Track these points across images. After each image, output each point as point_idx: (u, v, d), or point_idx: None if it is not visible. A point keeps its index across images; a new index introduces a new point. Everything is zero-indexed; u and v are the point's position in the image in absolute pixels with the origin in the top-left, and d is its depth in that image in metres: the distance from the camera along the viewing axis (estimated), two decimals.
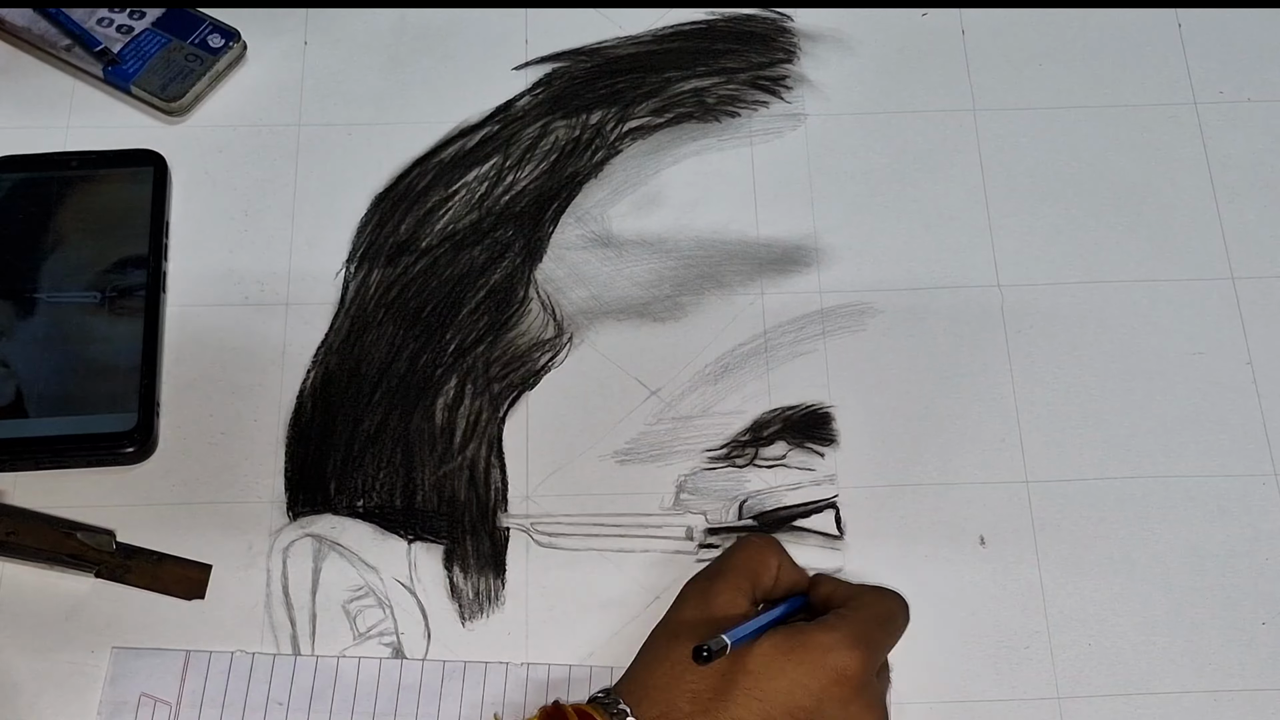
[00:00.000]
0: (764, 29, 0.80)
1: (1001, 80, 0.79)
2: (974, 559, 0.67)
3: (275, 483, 0.68)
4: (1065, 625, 0.65)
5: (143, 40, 0.77)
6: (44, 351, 0.69)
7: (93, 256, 0.71)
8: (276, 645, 0.64)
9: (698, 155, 0.76)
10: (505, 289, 0.72)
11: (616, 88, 0.78)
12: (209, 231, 0.74)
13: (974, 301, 0.73)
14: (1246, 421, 0.70)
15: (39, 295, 0.70)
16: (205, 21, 0.78)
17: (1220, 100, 0.79)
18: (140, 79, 0.76)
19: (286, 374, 0.70)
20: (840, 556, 0.66)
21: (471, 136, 0.76)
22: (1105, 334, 0.72)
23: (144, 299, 0.70)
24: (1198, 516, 0.68)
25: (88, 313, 0.70)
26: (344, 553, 0.66)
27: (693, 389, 0.70)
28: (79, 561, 0.65)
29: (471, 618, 0.65)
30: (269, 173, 0.76)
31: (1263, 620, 0.66)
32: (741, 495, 0.68)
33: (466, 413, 0.69)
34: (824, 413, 0.70)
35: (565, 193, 0.75)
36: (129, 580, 0.65)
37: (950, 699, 0.64)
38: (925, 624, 0.65)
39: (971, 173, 0.76)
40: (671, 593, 0.65)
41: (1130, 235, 0.75)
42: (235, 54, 0.77)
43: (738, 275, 0.73)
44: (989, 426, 0.70)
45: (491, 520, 0.67)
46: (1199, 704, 0.64)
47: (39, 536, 0.65)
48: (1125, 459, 0.69)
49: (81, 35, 0.77)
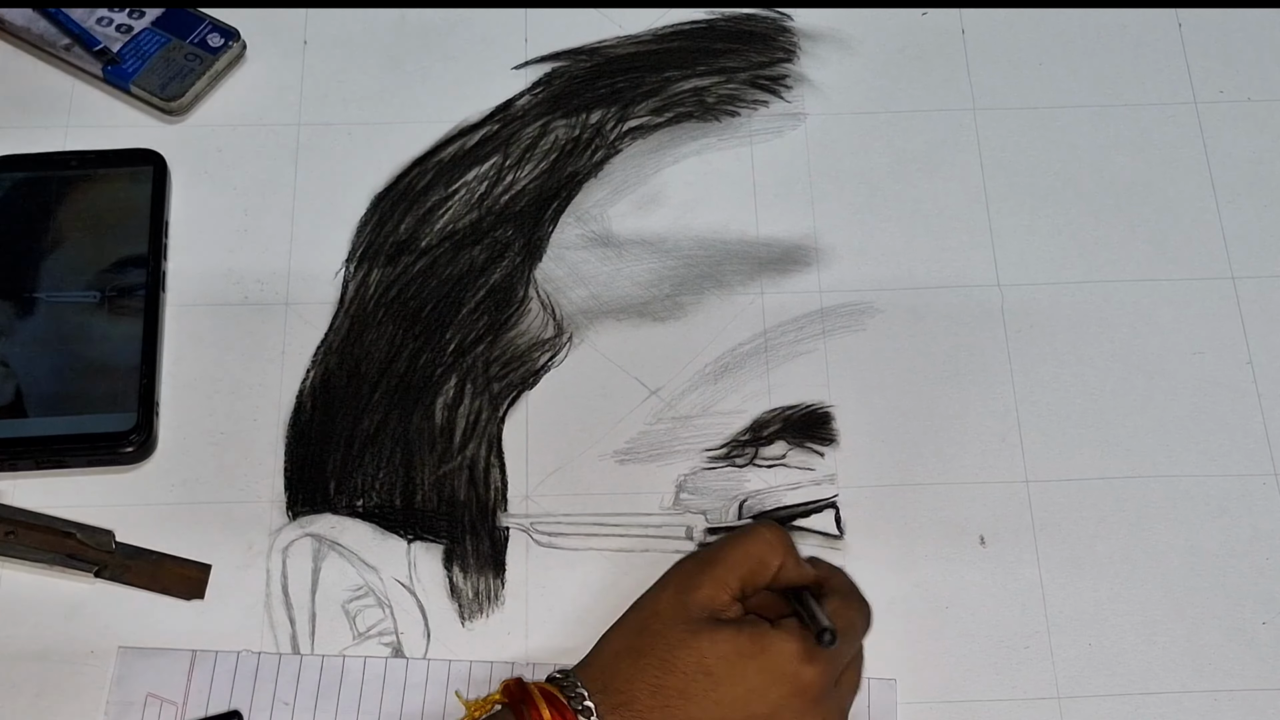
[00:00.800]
0: (764, 29, 0.80)
1: (1001, 80, 0.79)
2: (974, 559, 0.67)
3: (275, 482, 0.68)
4: (1065, 625, 0.65)
5: (142, 40, 0.77)
6: (43, 351, 0.69)
7: (92, 256, 0.71)
8: (276, 645, 0.64)
9: (697, 155, 0.76)
10: (505, 288, 0.72)
11: (616, 87, 0.78)
12: (209, 231, 0.74)
13: (974, 301, 0.73)
14: (1246, 421, 0.70)
15: (39, 295, 0.70)
16: (205, 21, 0.78)
17: (1220, 100, 0.79)
18: (140, 78, 0.76)
19: (286, 373, 0.70)
20: (840, 556, 0.66)
21: (471, 136, 0.76)
22: (1105, 334, 0.72)
23: (143, 298, 0.70)
24: (1198, 516, 0.68)
25: (87, 312, 0.70)
26: (344, 552, 0.66)
27: (692, 389, 0.70)
28: (78, 562, 0.65)
29: (471, 617, 0.65)
30: (269, 173, 0.76)
31: (1263, 620, 0.66)
32: (741, 495, 0.68)
33: (466, 412, 0.69)
34: (824, 412, 0.70)
35: (565, 192, 0.75)
36: (129, 580, 0.65)
37: (950, 699, 0.64)
38: (925, 624, 0.65)
39: (971, 173, 0.76)
40: None
41: (1130, 235, 0.75)
42: (234, 53, 0.77)
43: (738, 275, 0.73)
44: (989, 426, 0.70)
45: (491, 520, 0.67)
46: (1199, 704, 0.64)
47: (38, 536, 0.65)
48: (1125, 459, 0.69)
49: (81, 35, 0.77)
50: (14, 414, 0.67)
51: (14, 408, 0.68)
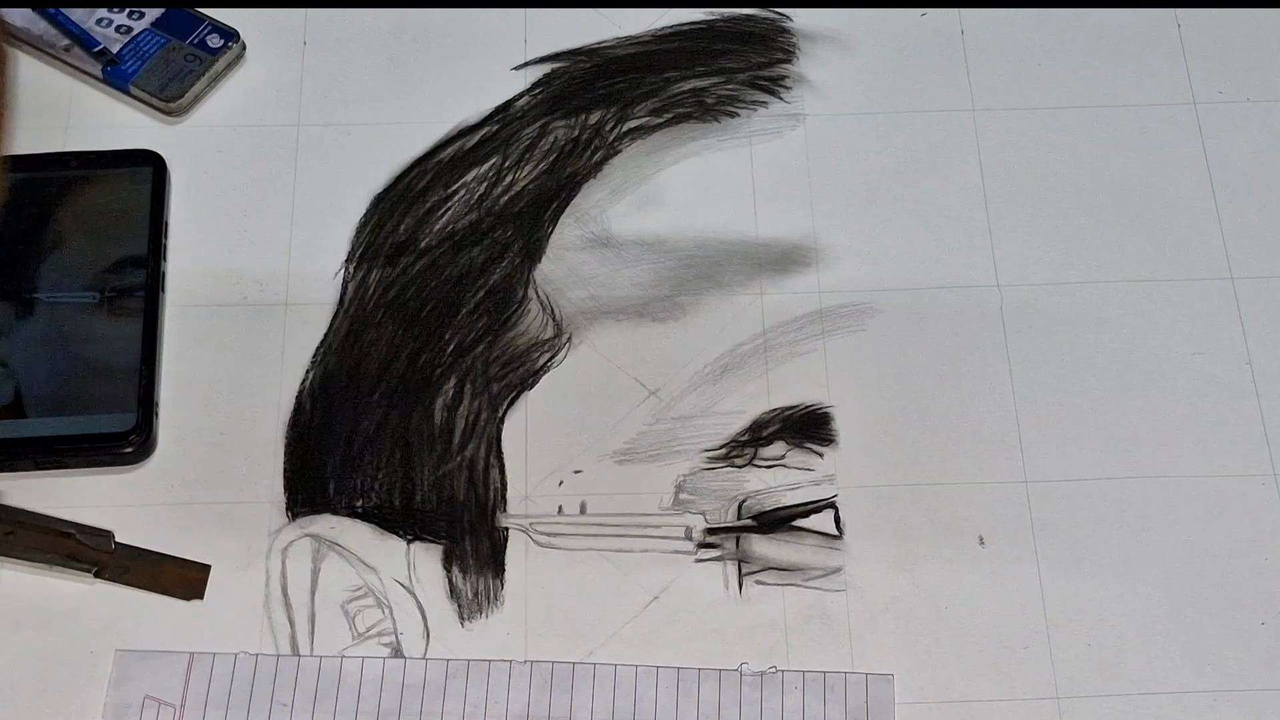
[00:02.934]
0: (763, 29, 0.80)
1: (1001, 80, 0.79)
2: (973, 559, 0.67)
3: (274, 483, 0.68)
4: (1064, 625, 0.65)
5: (141, 40, 0.77)
6: (43, 351, 0.69)
7: (92, 256, 0.71)
8: (276, 645, 0.64)
9: (697, 155, 0.76)
10: (504, 289, 0.72)
11: (616, 88, 0.78)
12: (208, 231, 0.74)
13: (974, 301, 0.73)
14: (1246, 422, 0.70)
15: (38, 295, 0.70)
16: (204, 22, 0.78)
17: (1219, 100, 0.79)
18: (139, 79, 0.76)
19: (285, 374, 0.70)
20: (840, 556, 0.66)
21: (471, 137, 0.76)
22: (1105, 334, 0.72)
23: (143, 299, 0.70)
24: (1198, 516, 0.68)
25: (87, 313, 0.70)
26: (343, 553, 0.66)
27: (692, 389, 0.70)
28: (78, 562, 0.65)
29: (470, 618, 0.65)
30: (268, 173, 0.76)
31: (1262, 620, 0.66)
32: (740, 495, 0.68)
33: (466, 412, 0.69)
34: (823, 413, 0.70)
35: (564, 193, 0.75)
36: (128, 581, 0.65)
37: (950, 699, 0.64)
38: (924, 624, 0.65)
39: (971, 173, 0.76)
40: (672, 593, 0.65)
41: (1130, 235, 0.75)
42: (234, 54, 0.78)
43: (737, 275, 0.73)
44: (989, 426, 0.70)
45: (490, 520, 0.67)
46: (1198, 704, 0.64)
47: (38, 537, 0.65)
48: (1125, 459, 0.69)
49: (80, 35, 0.77)
50: (13, 414, 0.67)
51: (13, 408, 0.68)
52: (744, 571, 0.66)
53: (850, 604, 0.65)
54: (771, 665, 0.64)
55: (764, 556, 0.66)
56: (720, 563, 0.66)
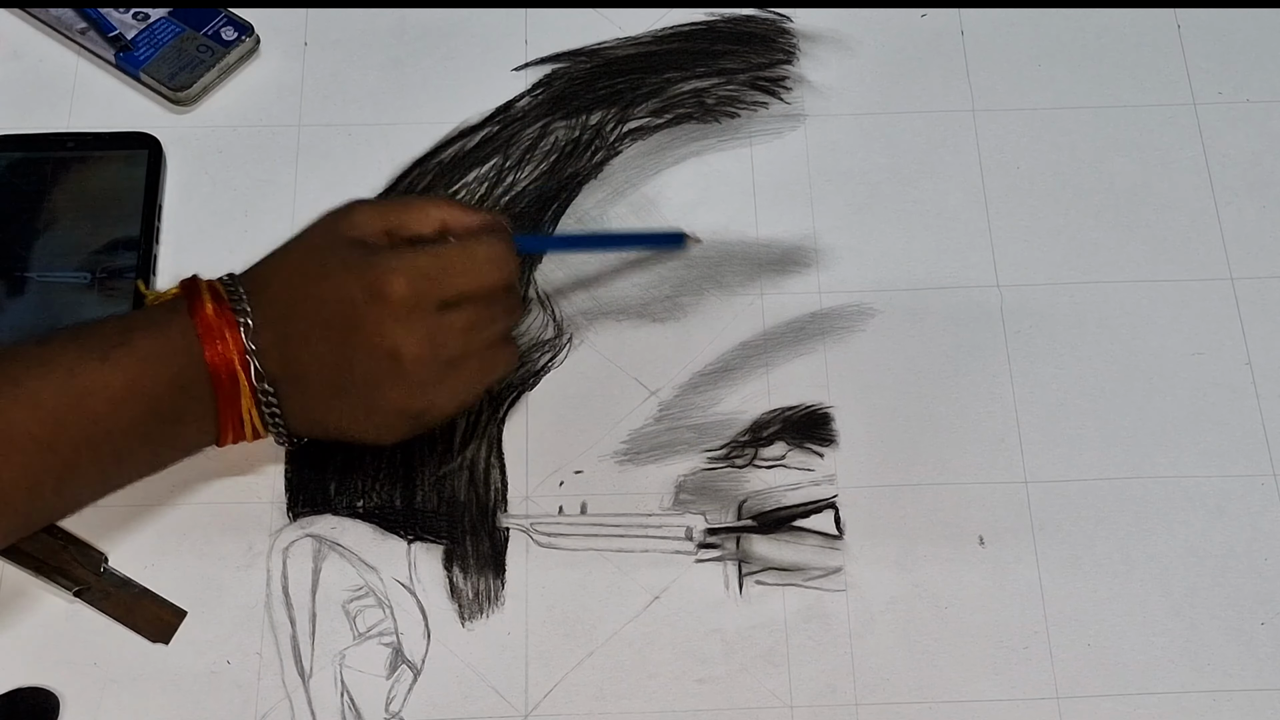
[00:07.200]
0: (763, 30, 0.80)
1: (1001, 80, 0.79)
2: (973, 559, 0.67)
3: (275, 483, 0.68)
4: (1064, 625, 0.65)
5: (157, 28, 0.77)
6: (33, 331, 0.69)
7: (85, 237, 0.72)
8: (276, 645, 0.64)
9: (697, 156, 0.76)
10: None
11: (616, 88, 0.78)
12: (208, 231, 0.74)
13: (973, 302, 0.73)
14: (1246, 422, 0.70)
15: (30, 274, 0.71)
16: (220, 14, 0.78)
17: (1219, 101, 0.79)
18: (150, 66, 0.76)
19: None
20: (840, 556, 0.67)
21: (471, 137, 0.76)
22: (1105, 334, 0.72)
23: (133, 281, 0.70)
24: (1197, 516, 0.68)
25: (78, 293, 0.70)
26: (344, 553, 0.66)
27: (692, 389, 0.70)
28: (62, 578, 0.64)
29: (471, 618, 0.65)
30: (269, 173, 0.76)
31: (1262, 620, 0.66)
32: (741, 495, 0.68)
33: (466, 413, 0.69)
34: (823, 413, 0.70)
35: (565, 194, 0.75)
36: (103, 608, 0.64)
37: (949, 699, 0.64)
38: (924, 624, 0.65)
39: (971, 173, 0.76)
40: (672, 593, 0.65)
41: (1129, 235, 0.75)
42: (247, 48, 0.78)
43: (737, 275, 0.73)
44: (988, 426, 0.70)
45: (491, 520, 0.67)
46: (1198, 704, 0.64)
47: (34, 540, 0.64)
48: (1125, 459, 0.69)
49: (97, 20, 0.77)
50: None
51: None
52: (744, 572, 0.66)
53: (850, 604, 0.66)
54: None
55: (764, 557, 0.66)
56: (720, 563, 0.66)
